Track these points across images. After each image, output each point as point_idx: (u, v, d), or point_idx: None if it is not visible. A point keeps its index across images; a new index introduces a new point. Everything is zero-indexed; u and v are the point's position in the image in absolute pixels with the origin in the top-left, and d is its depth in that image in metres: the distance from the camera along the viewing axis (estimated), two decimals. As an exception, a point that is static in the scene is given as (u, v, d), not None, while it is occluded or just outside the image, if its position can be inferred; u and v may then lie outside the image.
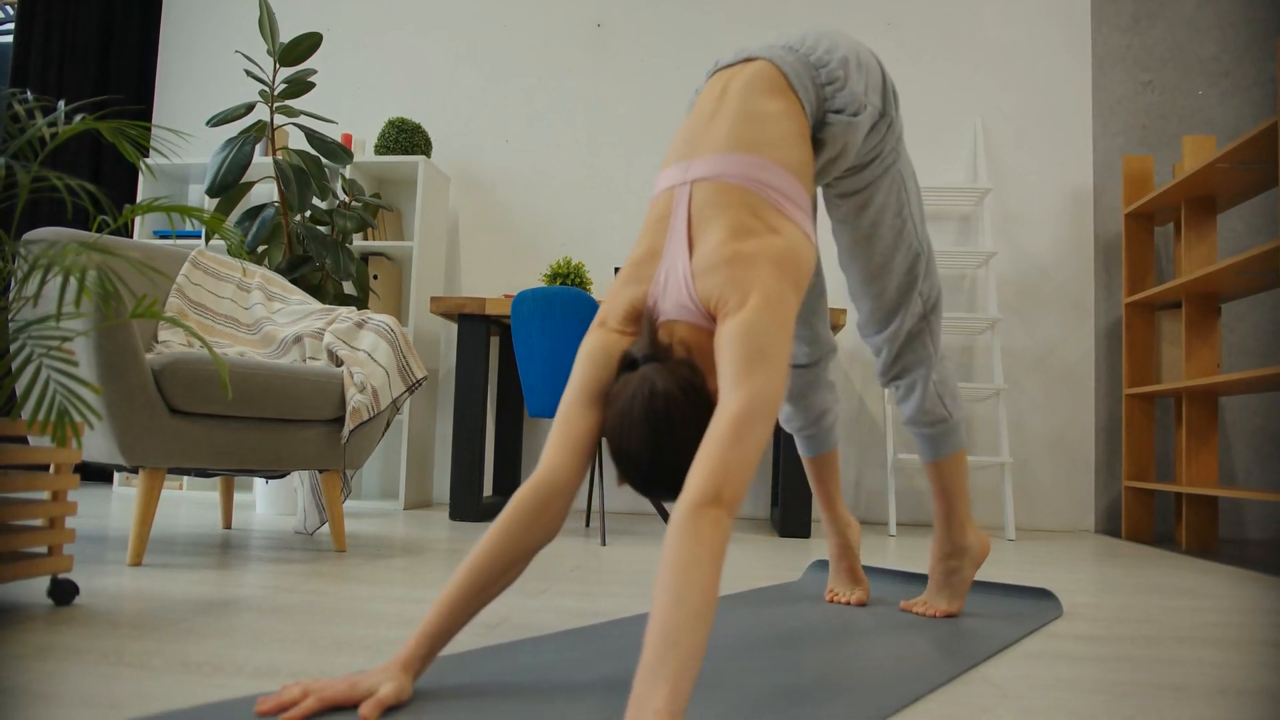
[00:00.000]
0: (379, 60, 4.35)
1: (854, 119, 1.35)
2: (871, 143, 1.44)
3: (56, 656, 1.19)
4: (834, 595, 1.79)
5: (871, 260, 1.52)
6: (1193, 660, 1.41)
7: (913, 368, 1.59)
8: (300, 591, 1.73)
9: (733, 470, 0.98)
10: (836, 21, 4.07)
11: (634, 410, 1.08)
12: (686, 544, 0.92)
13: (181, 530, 2.65)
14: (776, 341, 1.08)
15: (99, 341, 1.90)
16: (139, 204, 1.55)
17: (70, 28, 4.47)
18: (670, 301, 1.19)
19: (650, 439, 1.08)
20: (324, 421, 2.28)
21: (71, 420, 1.30)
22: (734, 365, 1.05)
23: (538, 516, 1.12)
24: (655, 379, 1.09)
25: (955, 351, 3.92)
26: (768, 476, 3.92)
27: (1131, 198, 3.60)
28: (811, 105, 1.34)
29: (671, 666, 0.83)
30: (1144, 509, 3.52)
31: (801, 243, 1.21)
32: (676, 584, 0.89)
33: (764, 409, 1.03)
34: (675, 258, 1.20)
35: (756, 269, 1.13)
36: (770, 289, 1.11)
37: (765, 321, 1.08)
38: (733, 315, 1.10)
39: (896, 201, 1.49)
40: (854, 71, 1.36)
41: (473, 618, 1.11)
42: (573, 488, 1.15)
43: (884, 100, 1.43)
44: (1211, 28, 3.88)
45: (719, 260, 1.14)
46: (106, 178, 4.47)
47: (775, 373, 1.05)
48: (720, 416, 1.02)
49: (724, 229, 1.18)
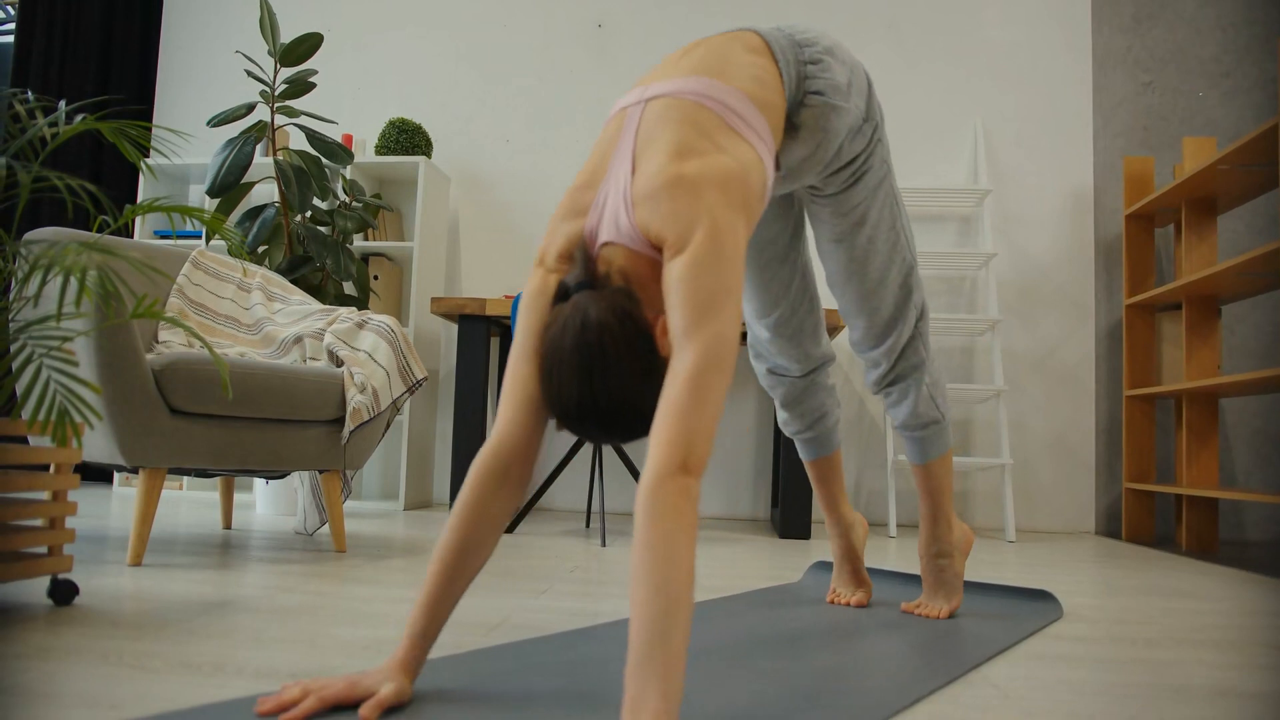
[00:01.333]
0: (380, 61, 4.35)
1: (835, 104, 1.31)
2: (856, 149, 1.39)
3: (56, 657, 1.18)
4: (836, 596, 1.79)
5: (868, 278, 1.50)
6: (1193, 662, 1.41)
7: (907, 374, 1.58)
8: (300, 592, 1.73)
9: (696, 434, 0.94)
10: (837, 23, 4.07)
11: (564, 342, 1.01)
12: (659, 521, 0.89)
13: (182, 530, 2.65)
14: (726, 284, 1.02)
15: (99, 341, 1.90)
16: (140, 204, 1.55)
17: (71, 27, 4.47)
18: (608, 225, 1.12)
19: (582, 372, 1.00)
20: (324, 422, 2.28)
21: (72, 420, 1.30)
22: (684, 317, 1.00)
23: (501, 484, 1.08)
24: (588, 308, 1.02)
25: (955, 352, 3.92)
26: (768, 477, 3.92)
27: (1132, 199, 3.60)
28: (791, 79, 1.29)
29: (661, 662, 0.83)
30: (1144, 510, 3.52)
31: (753, 162, 1.15)
32: (655, 570, 0.87)
33: (719, 360, 0.98)
34: (616, 179, 1.13)
35: (700, 197, 1.06)
36: (717, 222, 1.04)
37: (712, 263, 1.01)
38: (678, 255, 1.03)
39: (890, 216, 1.47)
40: (838, 63, 1.33)
41: (454, 607, 1.08)
42: (533, 448, 1.10)
43: (869, 107, 1.40)
44: (1212, 29, 3.88)
45: (660, 185, 1.07)
46: (107, 178, 4.47)
47: (727, 320, 1.00)
48: (675, 375, 0.97)
49: (668, 148, 1.11)
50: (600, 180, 1.16)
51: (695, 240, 1.03)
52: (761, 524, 3.71)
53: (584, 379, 1.00)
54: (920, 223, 3.97)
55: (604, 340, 1.00)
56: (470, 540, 1.06)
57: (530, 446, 1.10)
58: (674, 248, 1.04)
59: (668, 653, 0.83)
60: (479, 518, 1.07)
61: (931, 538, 1.67)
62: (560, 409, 1.03)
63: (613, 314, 1.02)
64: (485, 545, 1.08)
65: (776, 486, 3.55)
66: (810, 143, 1.33)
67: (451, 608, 1.07)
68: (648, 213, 1.08)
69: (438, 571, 1.06)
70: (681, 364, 0.97)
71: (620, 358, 1.00)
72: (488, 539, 1.08)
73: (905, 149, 4.00)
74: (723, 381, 0.98)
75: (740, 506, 3.93)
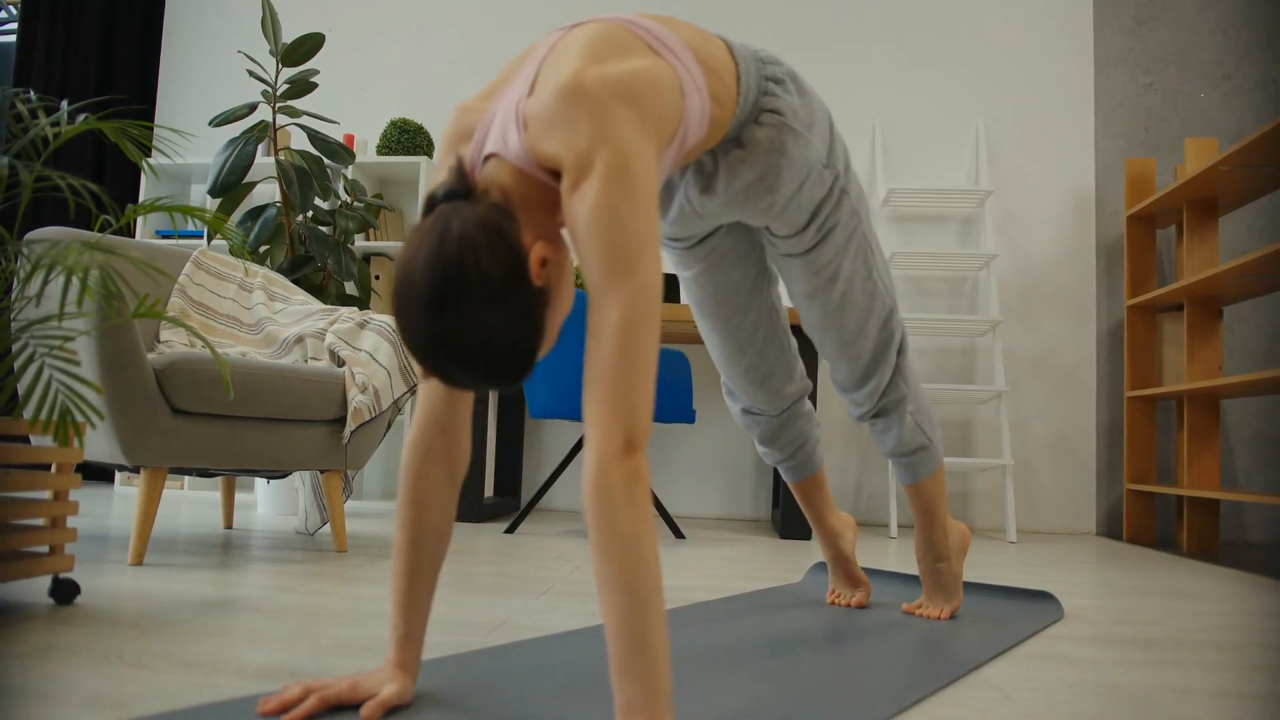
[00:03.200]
0: (381, 61, 4.36)
1: (794, 128, 1.21)
2: (816, 196, 1.29)
3: (58, 656, 1.19)
4: (836, 597, 1.79)
5: (846, 328, 1.44)
6: (1193, 663, 1.41)
7: (891, 410, 1.56)
8: (301, 592, 1.73)
9: (635, 405, 0.85)
10: (838, 23, 4.07)
11: (419, 254, 0.87)
12: (616, 515, 0.82)
13: (183, 530, 2.65)
14: (642, 228, 0.89)
15: (101, 341, 1.91)
16: (141, 204, 1.56)
17: (73, 27, 4.48)
18: (495, 138, 0.99)
19: (434, 295, 0.85)
20: (325, 422, 2.28)
21: (73, 420, 1.31)
22: (600, 274, 0.88)
23: (431, 462, 1.03)
24: (452, 219, 0.88)
25: (956, 353, 3.92)
26: (769, 478, 3.92)
27: (1133, 200, 3.60)
28: (749, 89, 1.18)
29: (645, 665, 0.81)
30: (1145, 511, 3.52)
31: (668, 78, 1.02)
32: (624, 572, 0.82)
33: (646, 316, 0.88)
34: (511, 94, 1.01)
35: (604, 114, 0.92)
36: (624, 147, 0.91)
37: (624, 204, 0.89)
38: (579, 188, 0.90)
39: (865, 266, 1.40)
40: (800, 92, 1.25)
41: (431, 600, 1.06)
42: (457, 417, 1.03)
43: (831, 152, 1.30)
44: (1213, 30, 3.88)
45: (556, 97, 0.94)
46: (109, 177, 4.48)
47: (648, 268, 0.89)
48: (600, 339, 0.87)
49: (572, 61, 0.98)
50: (495, 98, 1.05)
51: (598, 171, 0.90)
52: (762, 524, 3.71)
53: (436, 303, 0.85)
54: (921, 224, 3.97)
55: (465, 257, 0.86)
56: (417, 528, 1.03)
57: (453, 415, 1.03)
58: (573, 175, 0.91)
59: (651, 655, 0.81)
60: (418, 503, 1.04)
61: (928, 544, 1.67)
62: (413, 341, 0.88)
63: (480, 228, 0.87)
64: (435, 530, 1.04)
65: (777, 487, 3.55)
66: (761, 164, 1.22)
67: (428, 601, 1.05)
68: (541, 131, 0.95)
69: (398, 570, 1.04)
70: (606, 326, 0.87)
71: (483, 280, 0.86)
72: (435, 522, 1.04)
73: (907, 150, 4.00)
74: (653, 338, 0.88)
75: (741, 507, 3.93)
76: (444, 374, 0.89)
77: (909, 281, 3.95)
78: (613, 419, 0.84)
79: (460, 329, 0.86)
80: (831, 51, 4.06)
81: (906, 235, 3.96)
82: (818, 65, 4.06)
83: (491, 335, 0.87)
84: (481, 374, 0.89)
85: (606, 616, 0.83)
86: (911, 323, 3.54)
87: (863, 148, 4.01)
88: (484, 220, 0.88)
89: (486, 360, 0.88)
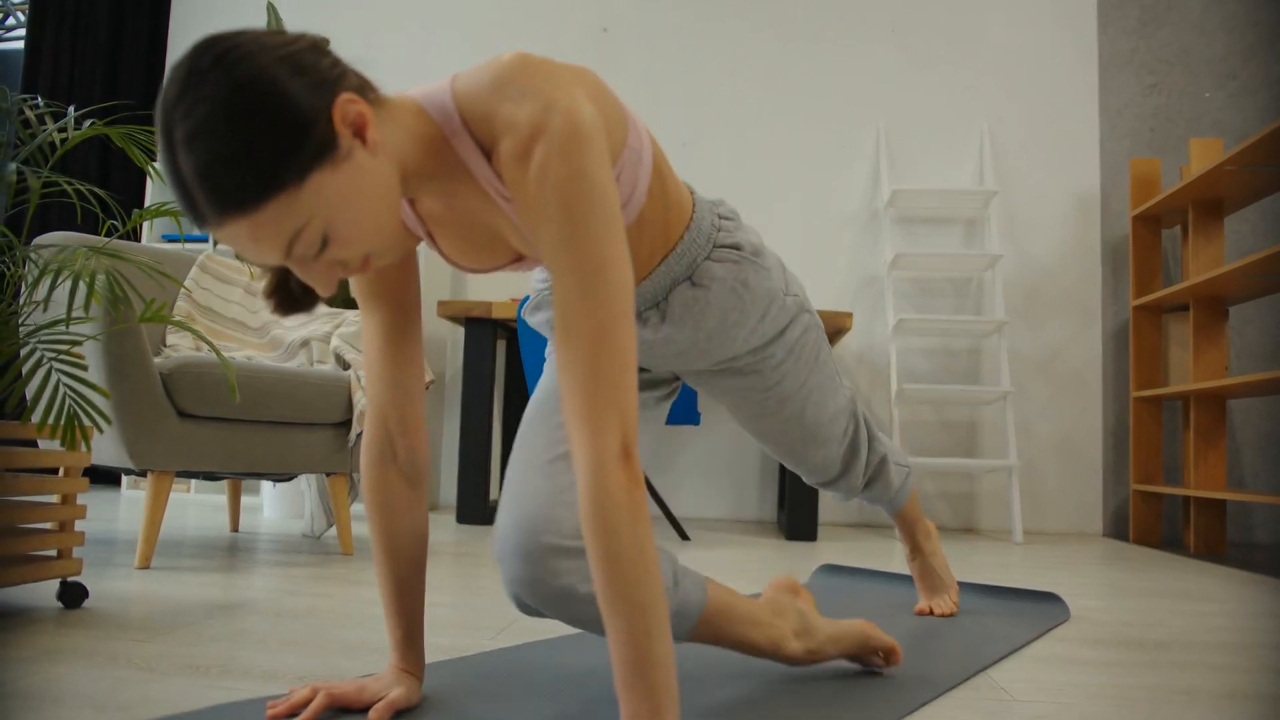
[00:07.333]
0: (385, 64, 4.37)
1: (755, 262, 1.14)
2: (780, 324, 1.20)
3: (66, 659, 1.19)
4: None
5: (804, 428, 1.33)
6: (1201, 664, 1.41)
7: (878, 475, 1.53)
8: (308, 594, 1.74)
9: (625, 407, 0.82)
10: (841, 25, 4.07)
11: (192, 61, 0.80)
12: (620, 528, 0.79)
13: (189, 533, 2.66)
14: (606, 214, 0.83)
15: (108, 345, 1.91)
16: (148, 208, 1.56)
17: (80, 33, 4.50)
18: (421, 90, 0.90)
19: (189, 74, 0.79)
20: (331, 425, 2.28)
21: (81, 424, 1.31)
22: (561, 251, 0.83)
23: (387, 462, 1.03)
24: (260, 43, 0.78)
25: (962, 354, 3.91)
26: (775, 479, 3.91)
27: (1138, 201, 3.59)
28: (701, 220, 1.10)
29: (653, 677, 0.79)
30: (1152, 512, 3.51)
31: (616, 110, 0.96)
32: (632, 588, 0.79)
33: (622, 311, 0.83)
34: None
35: (553, 82, 0.85)
36: (577, 112, 0.83)
37: (582, 177, 0.82)
38: (530, 154, 0.82)
39: (813, 362, 1.28)
40: (749, 229, 1.18)
41: (422, 602, 1.05)
42: (409, 414, 1.02)
43: (786, 279, 1.21)
44: (1218, 30, 3.87)
45: (496, 64, 0.87)
46: (116, 182, 4.49)
47: (614, 246, 0.83)
48: (573, 331, 0.82)
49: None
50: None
51: (554, 138, 0.82)
52: (768, 526, 3.71)
53: (183, 104, 0.79)
54: (926, 225, 3.97)
55: (253, 80, 0.76)
56: (389, 535, 1.04)
57: (402, 419, 1.03)
58: (521, 138, 0.83)
59: (657, 671, 0.80)
60: (384, 511, 1.04)
61: (914, 545, 1.72)
62: (168, 167, 0.79)
63: (277, 59, 0.77)
64: (409, 532, 1.04)
65: (783, 488, 3.55)
66: (726, 300, 1.12)
67: (418, 604, 1.05)
68: (476, 92, 0.86)
69: (382, 580, 1.05)
70: (576, 319, 0.82)
71: (255, 79, 0.76)
72: (405, 527, 1.04)
73: (911, 151, 3.99)
74: (630, 331, 0.83)
75: (747, 509, 3.93)
76: (192, 209, 0.79)
77: (913, 283, 3.95)
78: (603, 421, 0.81)
79: (201, 154, 0.77)
80: (835, 53, 4.06)
81: (911, 237, 3.96)
82: (821, 66, 4.06)
83: (229, 125, 0.76)
84: (230, 189, 0.76)
85: (611, 627, 0.81)
86: (916, 324, 3.54)
87: (867, 149, 4.01)
88: (288, 54, 0.78)
89: (208, 149, 0.76)
